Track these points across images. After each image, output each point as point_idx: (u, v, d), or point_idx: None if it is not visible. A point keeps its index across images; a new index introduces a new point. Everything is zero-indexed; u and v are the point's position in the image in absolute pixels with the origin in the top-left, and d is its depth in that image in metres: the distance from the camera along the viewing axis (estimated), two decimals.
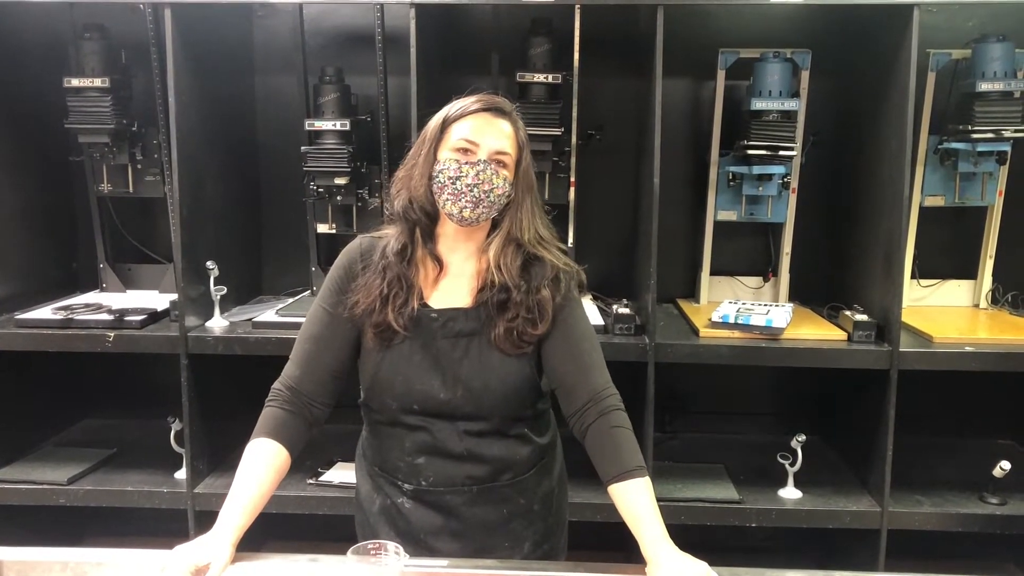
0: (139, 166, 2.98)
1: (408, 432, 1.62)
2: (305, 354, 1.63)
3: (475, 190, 1.53)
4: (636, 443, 1.57)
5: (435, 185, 1.56)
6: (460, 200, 1.53)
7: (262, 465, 1.54)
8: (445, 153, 1.56)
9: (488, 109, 1.58)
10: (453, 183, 1.53)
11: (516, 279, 1.57)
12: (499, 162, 1.56)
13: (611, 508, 1.57)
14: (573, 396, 1.59)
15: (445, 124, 1.58)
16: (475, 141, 1.55)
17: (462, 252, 1.63)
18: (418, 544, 1.65)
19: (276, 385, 1.63)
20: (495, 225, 1.61)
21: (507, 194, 1.57)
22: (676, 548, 1.43)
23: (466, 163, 1.53)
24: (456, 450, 1.61)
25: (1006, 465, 2.58)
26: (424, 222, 1.60)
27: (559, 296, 1.60)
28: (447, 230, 1.61)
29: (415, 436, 1.62)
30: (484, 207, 1.55)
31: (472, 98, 1.59)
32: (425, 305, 1.60)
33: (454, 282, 1.63)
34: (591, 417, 1.57)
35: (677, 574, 1.38)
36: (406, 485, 1.65)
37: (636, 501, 1.49)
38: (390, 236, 1.64)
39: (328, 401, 1.63)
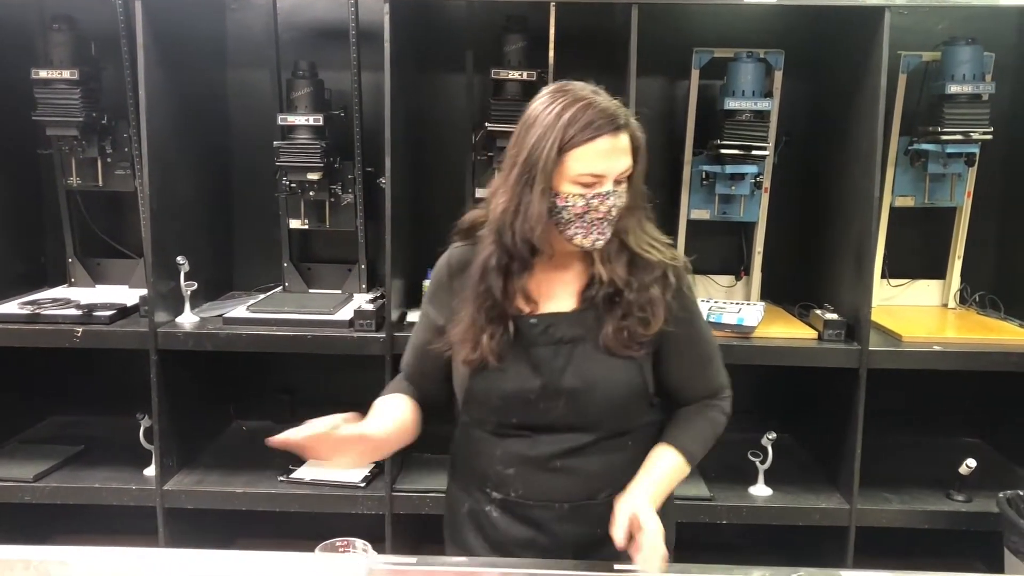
0: (109, 159, 2.94)
1: (502, 440, 1.55)
2: (413, 350, 1.68)
3: (605, 222, 1.44)
4: (711, 439, 1.60)
5: (557, 220, 1.44)
6: (591, 233, 1.44)
7: (398, 404, 1.59)
8: (567, 186, 1.41)
9: (609, 130, 1.40)
10: (580, 218, 1.42)
11: (625, 276, 1.50)
12: (619, 180, 1.45)
13: None
14: (691, 392, 1.61)
15: (561, 151, 1.39)
16: (602, 173, 1.41)
17: (562, 257, 1.53)
18: (508, 556, 1.56)
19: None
20: None
21: (624, 203, 1.48)
22: (652, 499, 1.45)
23: (593, 196, 1.41)
24: (551, 463, 1.52)
25: (972, 463, 2.61)
26: (525, 255, 1.47)
27: (669, 294, 1.52)
28: (557, 249, 1.50)
29: (509, 445, 1.54)
30: (609, 226, 1.46)
31: (588, 115, 1.39)
32: (522, 314, 1.51)
33: (555, 284, 1.54)
34: (696, 405, 1.60)
35: (625, 503, 1.42)
36: (495, 494, 1.57)
37: (660, 458, 1.53)
38: (485, 245, 1.51)
39: (439, 393, 1.65)
